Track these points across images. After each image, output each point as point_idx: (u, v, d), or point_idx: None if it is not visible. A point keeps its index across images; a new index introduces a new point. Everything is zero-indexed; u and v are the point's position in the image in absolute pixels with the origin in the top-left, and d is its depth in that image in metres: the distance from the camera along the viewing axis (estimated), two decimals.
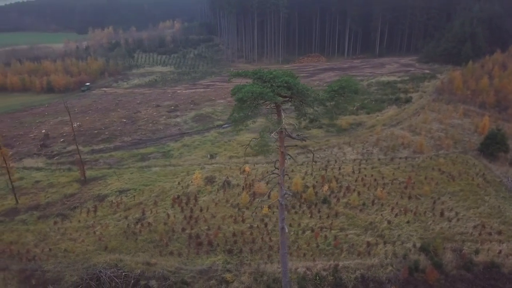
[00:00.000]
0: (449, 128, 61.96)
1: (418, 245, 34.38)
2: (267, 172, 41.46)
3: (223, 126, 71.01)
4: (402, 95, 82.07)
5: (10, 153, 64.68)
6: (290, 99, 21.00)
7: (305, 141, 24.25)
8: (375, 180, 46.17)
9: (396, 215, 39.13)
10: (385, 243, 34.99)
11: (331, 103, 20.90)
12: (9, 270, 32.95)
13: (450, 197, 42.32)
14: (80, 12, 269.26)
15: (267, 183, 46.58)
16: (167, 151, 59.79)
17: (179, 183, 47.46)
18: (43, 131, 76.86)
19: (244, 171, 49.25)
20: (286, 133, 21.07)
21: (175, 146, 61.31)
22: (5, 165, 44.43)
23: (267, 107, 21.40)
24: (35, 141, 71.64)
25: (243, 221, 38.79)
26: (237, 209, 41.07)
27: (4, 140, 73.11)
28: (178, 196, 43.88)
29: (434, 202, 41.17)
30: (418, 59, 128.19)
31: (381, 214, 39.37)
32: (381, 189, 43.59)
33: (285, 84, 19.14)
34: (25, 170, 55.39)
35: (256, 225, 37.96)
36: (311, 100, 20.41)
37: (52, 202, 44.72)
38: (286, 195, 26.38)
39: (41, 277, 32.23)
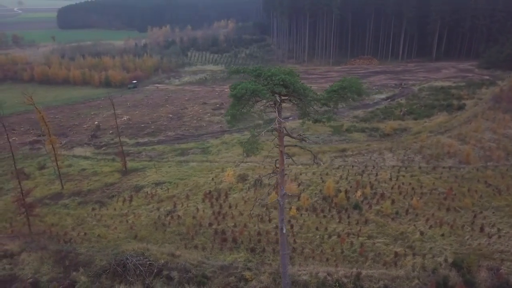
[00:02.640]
0: (502, 138, 57.74)
1: (450, 260, 32.41)
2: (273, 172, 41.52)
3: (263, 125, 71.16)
4: (455, 102, 77.70)
5: (64, 141, 69.50)
6: (288, 98, 20.72)
7: (305, 141, 23.78)
8: (412, 188, 44.16)
9: (431, 226, 37.17)
10: (414, 255, 33.37)
11: (331, 104, 20.32)
12: (47, 250, 35.28)
13: (493, 212, 39.45)
14: (142, 11, 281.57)
15: (299, 184, 46.29)
16: (206, 147, 61.11)
17: (212, 179, 48.37)
18: (96, 122, 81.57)
19: None
20: (285, 132, 20.73)
21: (214, 143, 62.52)
22: (53, 152, 47.61)
23: (266, 105, 21.32)
24: (87, 131, 76.28)
25: (269, 220, 38.76)
26: (265, 208, 41.07)
27: (60, 130, 78.70)
28: (210, 192, 44.75)
29: (475, 216, 38.59)
30: (478, 65, 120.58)
31: (414, 225, 37.59)
32: (418, 198, 41.63)
33: (282, 82, 18.88)
34: (74, 158, 59.15)
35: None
36: (309, 99, 19.96)
37: (93, 190, 47.39)
38: (285, 196, 25.93)
39: (74, 259, 34.20)
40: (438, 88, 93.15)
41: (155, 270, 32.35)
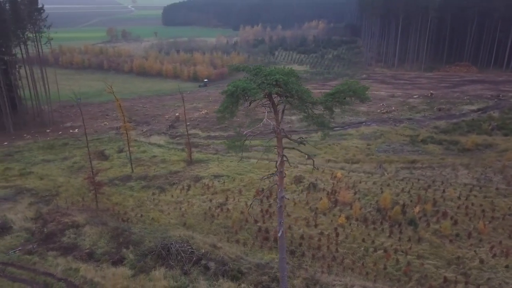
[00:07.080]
0: None
1: None
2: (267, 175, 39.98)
3: (334, 128, 69.54)
4: None
5: (145, 129, 75.25)
6: (283, 100, 20.10)
7: (304, 144, 22.84)
8: (482, 211, 39.82)
9: (495, 255, 33.25)
10: (467, 283, 30.17)
11: (330, 107, 19.22)
12: (107, 225, 38.75)
13: None
14: (237, 10, 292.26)
15: (355, 193, 44.55)
16: (269, 146, 61.48)
17: (268, 177, 48.62)
18: (176, 114, 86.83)
19: (335, 176, 47.84)
20: (283, 134, 20.13)
21: None
22: (127, 138, 51.91)
23: (259, 104, 21.06)
24: (167, 121, 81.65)
25: (315, 226, 37.98)
26: (314, 213, 40.34)
27: (145, 118, 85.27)
28: (262, 189, 45.18)
29: None
30: None
31: (475, 251, 33.94)
32: (487, 222, 37.45)
33: (275, 82, 18.35)
34: (149, 145, 63.83)
35: (327, 233, 36.79)
36: (304, 101, 19.07)
37: (158, 176, 50.74)
38: (283, 198, 25.05)
39: (128, 237, 37.04)
40: None
41: (195, 258, 33.68)
